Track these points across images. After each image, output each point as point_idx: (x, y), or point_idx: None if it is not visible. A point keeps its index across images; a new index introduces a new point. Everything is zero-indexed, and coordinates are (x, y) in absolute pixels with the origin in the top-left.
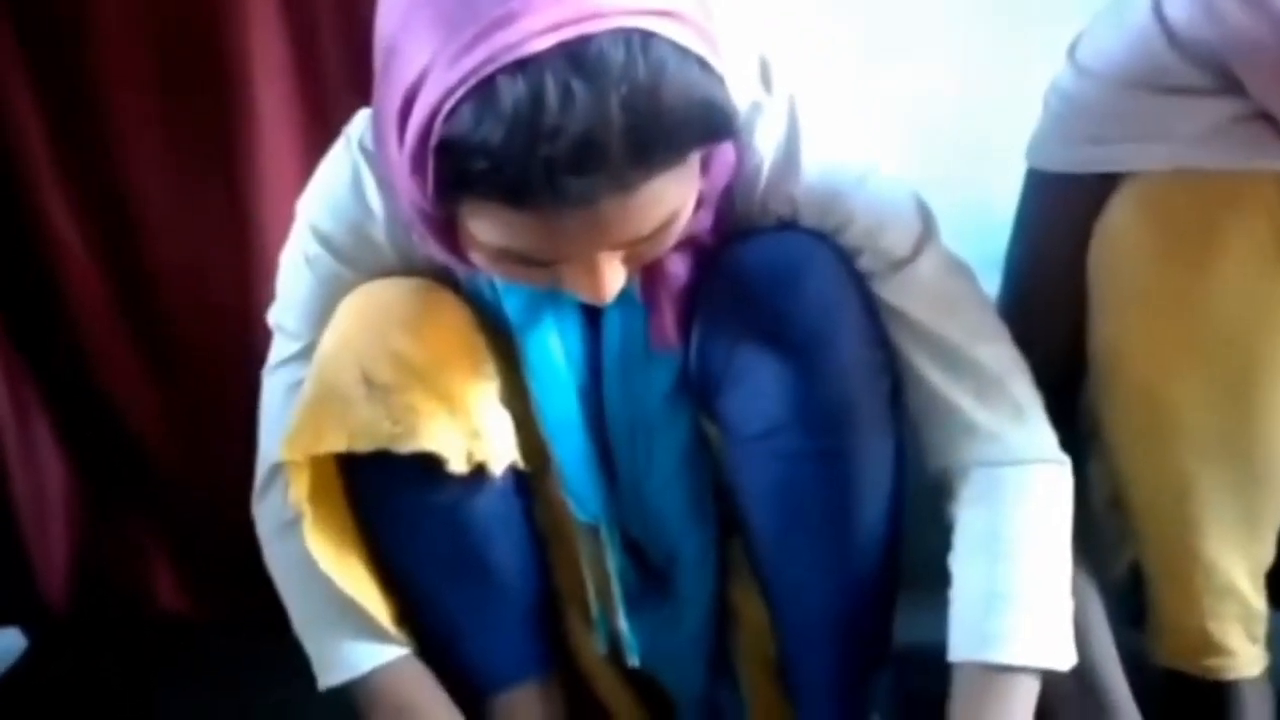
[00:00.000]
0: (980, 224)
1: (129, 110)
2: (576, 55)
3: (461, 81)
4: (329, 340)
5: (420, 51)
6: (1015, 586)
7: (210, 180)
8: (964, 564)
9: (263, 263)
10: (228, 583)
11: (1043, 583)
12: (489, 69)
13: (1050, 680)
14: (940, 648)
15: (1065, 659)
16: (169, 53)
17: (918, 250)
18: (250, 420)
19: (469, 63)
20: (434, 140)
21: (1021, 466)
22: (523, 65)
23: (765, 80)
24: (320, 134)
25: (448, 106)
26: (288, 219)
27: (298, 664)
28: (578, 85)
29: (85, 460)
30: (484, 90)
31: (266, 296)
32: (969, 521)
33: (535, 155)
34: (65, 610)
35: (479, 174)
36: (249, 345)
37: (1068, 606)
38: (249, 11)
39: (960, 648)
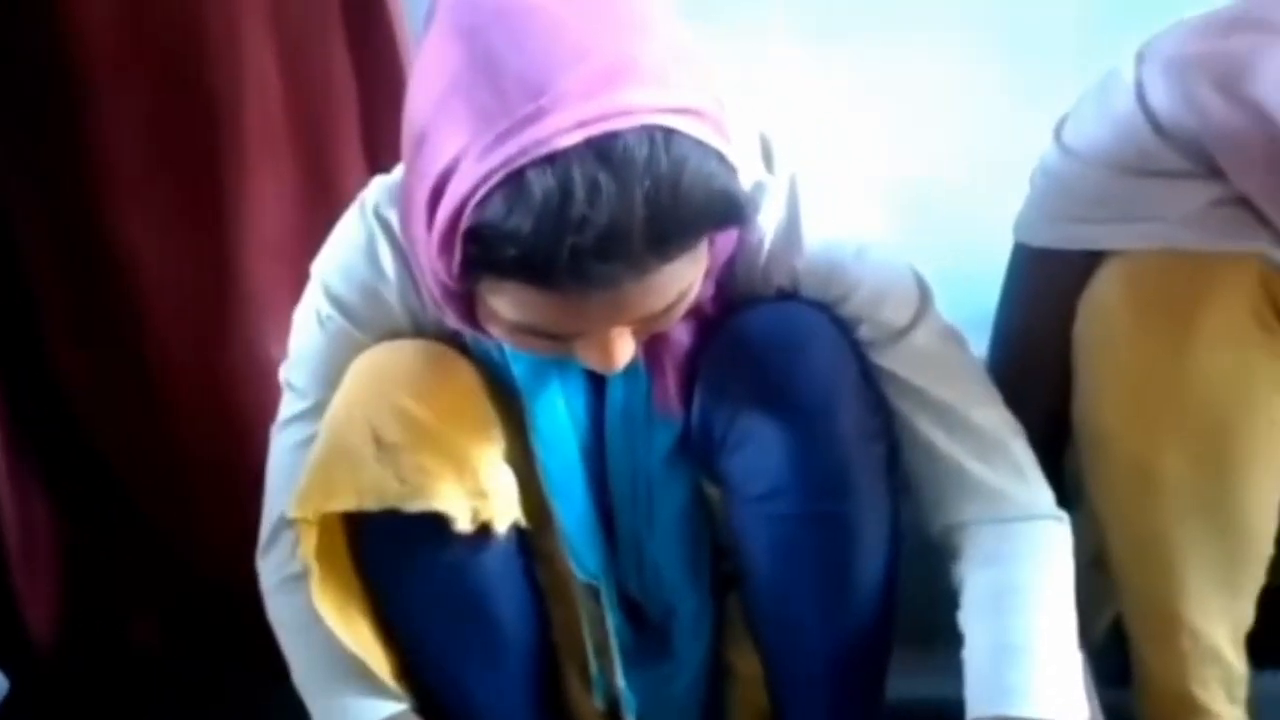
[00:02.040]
0: (967, 289)
1: (120, 170)
2: (603, 150)
3: (493, 172)
4: (340, 400)
5: (453, 141)
6: (1031, 639)
7: (201, 240)
8: (976, 620)
9: (248, 320)
10: (210, 627)
11: (1056, 636)
12: (520, 161)
13: None
14: (932, 704)
15: (1079, 713)
16: (162, 105)
17: (916, 320)
18: (234, 471)
19: (501, 155)
20: (464, 226)
21: (1026, 522)
22: (552, 159)
23: (767, 158)
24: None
25: (479, 195)
26: (279, 281)
27: (281, 707)
28: (604, 179)
29: (71, 507)
30: (515, 181)
31: (253, 355)
32: (978, 577)
33: (562, 244)
34: (50, 652)
35: (507, 259)
36: (234, 399)
37: (1079, 660)
38: (245, 73)
39: (979, 704)
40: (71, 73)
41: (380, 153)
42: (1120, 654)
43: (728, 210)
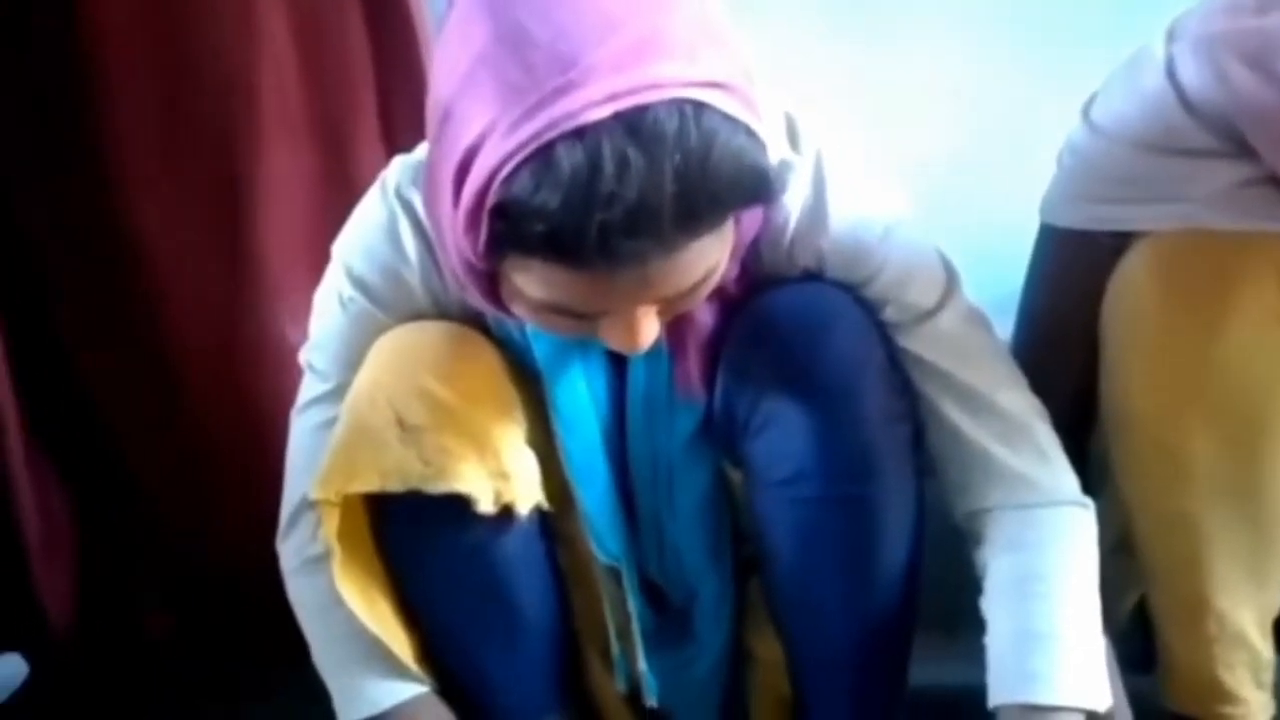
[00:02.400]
0: (993, 271)
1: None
2: (633, 124)
3: (521, 147)
4: (362, 381)
5: (480, 116)
6: (1054, 626)
7: (217, 224)
8: (999, 605)
9: (265, 304)
10: (225, 617)
11: (1080, 622)
12: (549, 136)
13: None
14: (954, 691)
15: (1104, 699)
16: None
17: (942, 302)
18: (251, 458)
19: (529, 129)
20: (491, 202)
21: (1051, 508)
22: (581, 133)
23: (792, 138)
24: (333, 178)
25: (506, 170)
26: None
27: (304, 696)
28: (634, 153)
29: (86, 496)
30: (543, 156)
31: (270, 339)
32: (1002, 563)
33: (591, 219)
34: (68, 639)
35: (534, 236)
36: (251, 385)
37: (1102, 647)
38: (263, 53)
39: (1003, 691)
40: (84, 58)
41: (398, 134)
42: (1145, 639)
43: (757, 186)
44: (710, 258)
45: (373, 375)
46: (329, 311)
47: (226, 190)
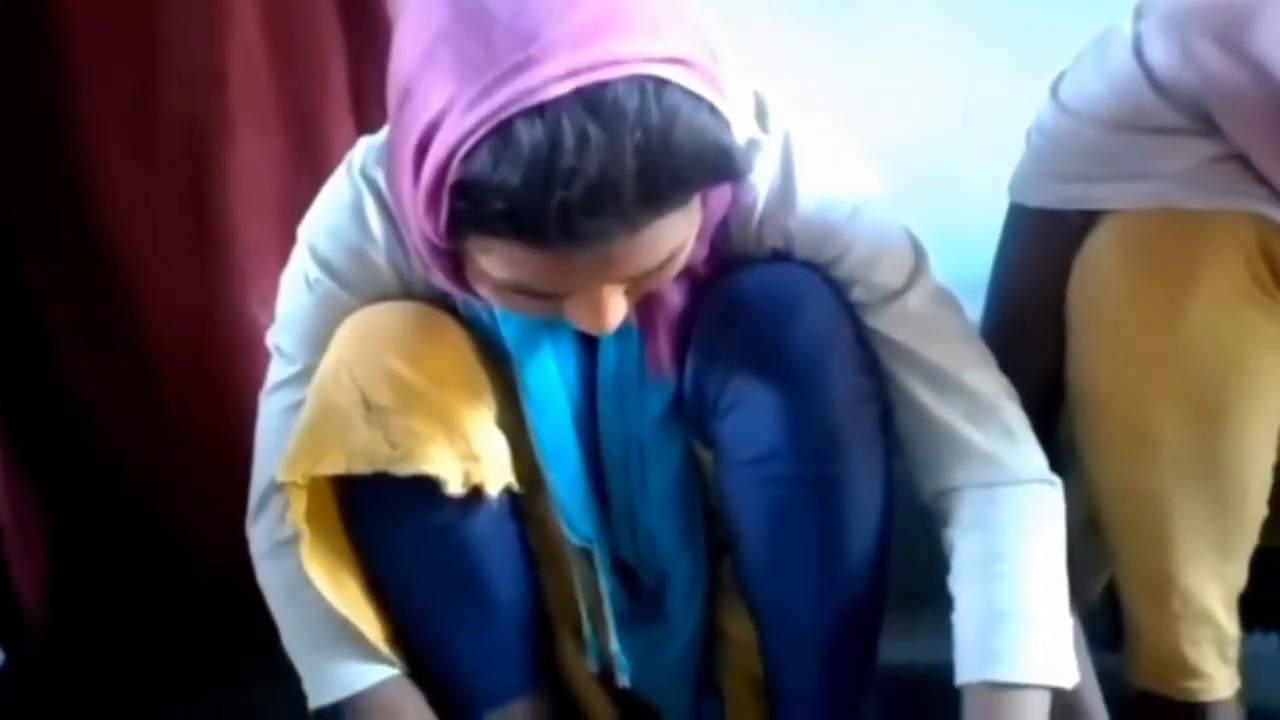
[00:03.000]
0: (959, 253)
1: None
2: (593, 101)
3: (480, 124)
4: (328, 362)
5: (438, 93)
6: (1020, 604)
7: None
8: (966, 584)
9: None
10: (204, 606)
11: (1046, 600)
12: (507, 112)
13: None
14: (922, 669)
15: (1070, 677)
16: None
17: (910, 282)
18: (224, 442)
19: (488, 106)
20: (451, 180)
21: (1017, 486)
22: (541, 110)
23: (761, 117)
24: (304, 158)
25: (466, 148)
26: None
27: (275, 680)
28: (594, 130)
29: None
30: (502, 133)
31: (241, 322)
32: (968, 542)
33: (551, 197)
34: (44, 628)
35: (495, 214)
36: (223, 369)
37: (1069, 624)
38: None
39: (969, 669)
40: (52, 45)
41: (369, 118)
42: (1113, 617)
43: (720, 163)
44: (675, 237)
45: (339, 356)
46: (295, 293)
47: (197, 176)
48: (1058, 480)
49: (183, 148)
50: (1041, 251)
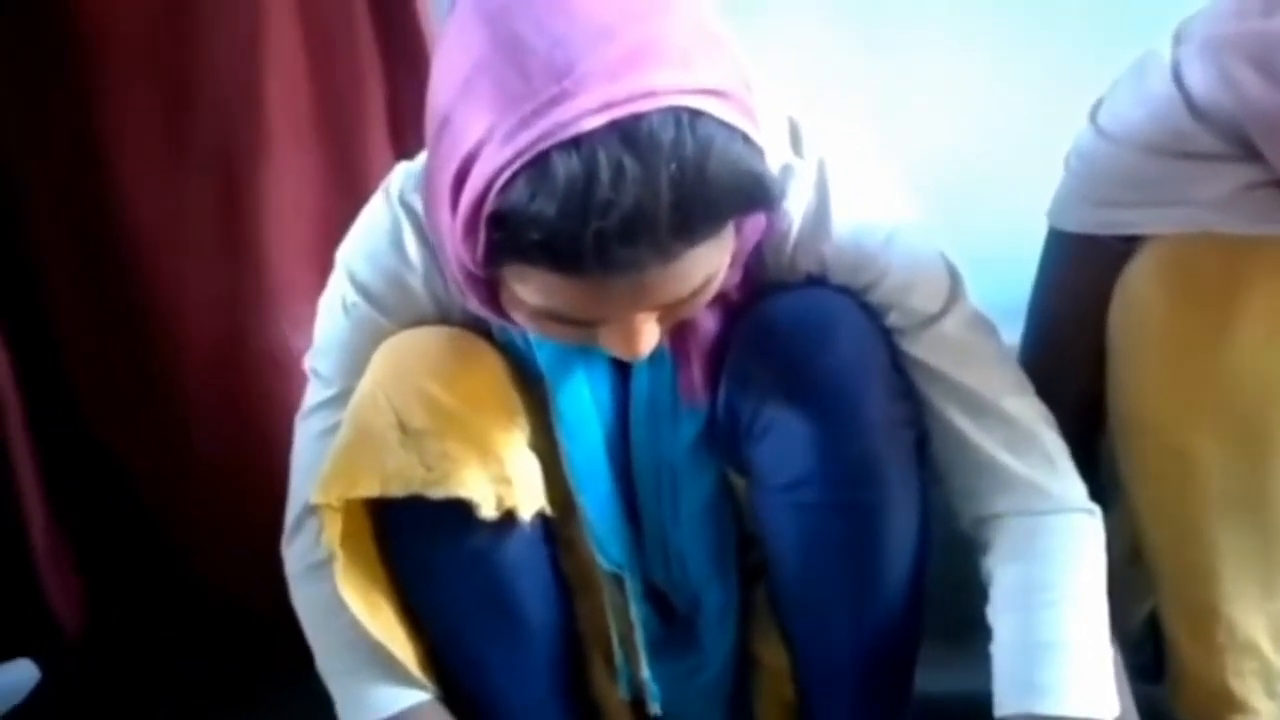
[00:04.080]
0: (997, 277)
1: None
2: (628, 133)
3: (517, 155)
4: (365, 386)
5: (476, 124)
6: (1061, 635)
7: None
8: (1006, 615)
9: (270, 313)
10: (229, 619)
11: (1087, 631)
12: (544, 144)
13: None
14: (961, 699)
15: (1111, 709)
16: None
17: (946, 307)
18: (252, 470)
19: (525, 138)
20: (488, 210)
21: (1057, 515)
22: (577, 142)
23: (795, 143)
24: (340, 183)
25: (503, 179)
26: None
27: (303, 704)
28: (629, 162)
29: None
30: (539, 165)
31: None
32: (1007, 572)
33: (586, 228)
34: (79, 643)
35: (531, 244)
36: (254, 393)
37: (1109, 656)
38: (271, 56)
39: (1009, 701)
40: (90, 62)
41: (406, 140)
42: (1155, 648)
43: (754, 193)
44: (709, 265)
45: (375, 380)
46: (332, 317)
47: (233, 195)
48: (1097, 509)
49: (217, 168)
50: (1080, 276)
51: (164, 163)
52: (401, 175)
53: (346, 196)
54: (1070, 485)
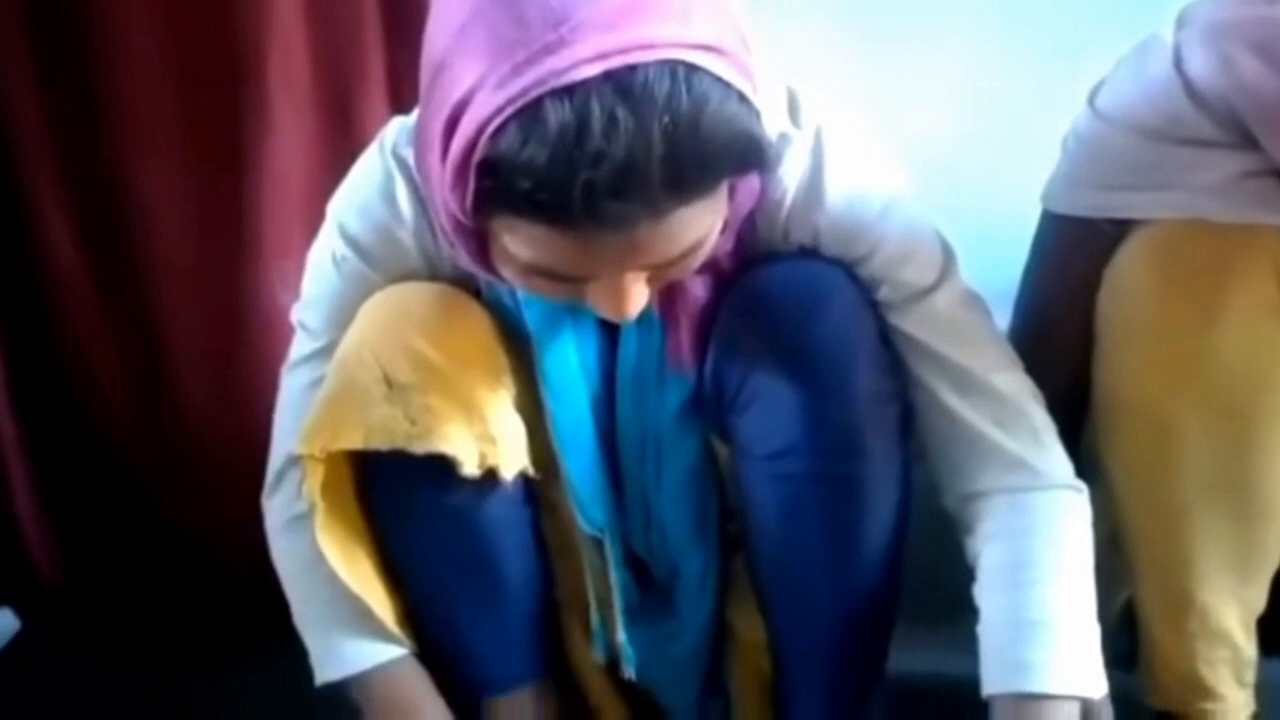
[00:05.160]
0: (989, 258)
1: (136, 110)
2: (623, 84)
3: (509, 102)
4: (350, 338)
5: (470, 70)
6: (1048, 614)
7: (220, 186)
8: (992, 592)
9: (262, 267)
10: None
11: (1075, 609)
12: (537, 92)
13: None
14: (949, 679)
15: (1099, 687)
16: (183, 51)
17: (938, 283)
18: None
19: (518, 85)
20: (478, 157)
21: (1044, 492)
22: (570, 90)
23: (793, 112)
24: (337, 143)
25: (494, 125)
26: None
27: (280, 665)
28: (622, 113)
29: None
30: (531, 112)
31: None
32: (994, 549)
33: (576, 178)
34: (58, 593)
35: (520, 193)
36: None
37: (1097, 634)
38: (272, 14)
39: (996, 680)
40: (92, 18)
41: (404, 100)
42: (1129, 637)
43: (748, 152)
44: (700, 226)
45: (361, 333)
46: (322, 270)
47: (231, 152)
48: (1084, 487)
49: (218, 126)
50: (1072, 259)
51: (165, 123)
52: (395, 129)
53: (341, 158)
54: (1057, 462)
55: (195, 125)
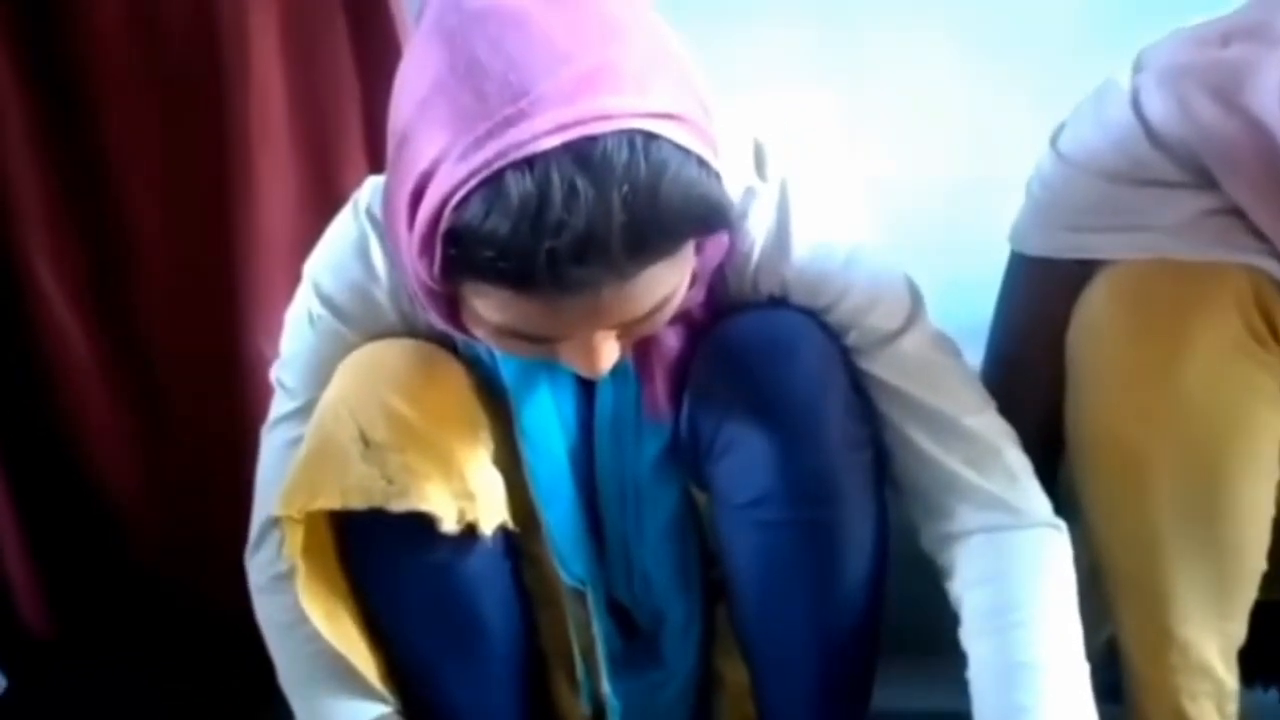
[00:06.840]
0: (959, 298)
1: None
2: (582, 154)
3: (472, 174)
4: (328, 398)
5: (433, 142)
6: (1036, 655)
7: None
8: (979, 638)
9: (244, 319)
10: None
11: (1063, 647)
12: (499, 164)
13: None
14: (928, 716)
15: None
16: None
17: (905, 326)
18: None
19: (480, 157)
20: (443, 227)
21: (1023, 531)
22: (531, 162)
23: (759, 165)
24: (317, 195)
25: (458, 197)
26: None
27: (276, 703)
28: (582, 183)
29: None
30: (493, 184)
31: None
32: (978, 595)
33: (539, 247)
34: (47, 648)
35: (484, 261)
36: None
37: (1086, 671)
38: (251, 70)
39: None
40: (82, 80)
41: (383, 152)
42: (1113, 669)
43: (708, 215)
44: (665, 285)
45: (338, 392)
46: (298, 329)
47: (210, 209)
48: (1062, 524)
49: (198, 177)
50: (1040, 299)
51: (152, 172)
52: (370, 189)
53: (322, 209)
54: (1035, 500)
55: (176, 175)
